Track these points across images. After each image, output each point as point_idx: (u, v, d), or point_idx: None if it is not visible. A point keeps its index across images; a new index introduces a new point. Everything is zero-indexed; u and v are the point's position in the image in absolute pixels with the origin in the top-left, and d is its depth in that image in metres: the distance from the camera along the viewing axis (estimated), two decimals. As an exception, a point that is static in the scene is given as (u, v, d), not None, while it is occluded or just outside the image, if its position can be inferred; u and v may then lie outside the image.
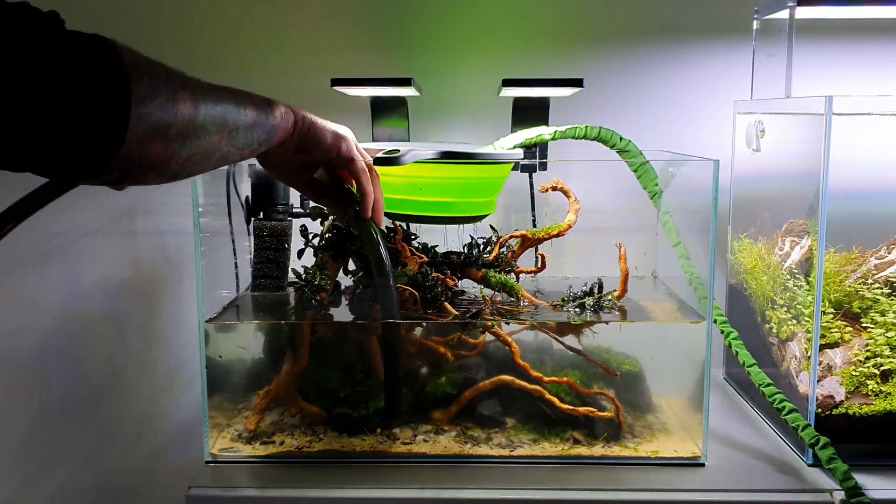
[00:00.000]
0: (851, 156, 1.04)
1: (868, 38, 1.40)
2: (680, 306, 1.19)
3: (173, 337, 1.50)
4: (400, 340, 1.08)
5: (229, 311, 1.16)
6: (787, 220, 1.14)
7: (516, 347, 1.12)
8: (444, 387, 1.12)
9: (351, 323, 1.14)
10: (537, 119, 1.25)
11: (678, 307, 1.20)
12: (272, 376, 1.13)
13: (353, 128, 0.93)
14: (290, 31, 1.44)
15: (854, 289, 1.07)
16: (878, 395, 1.04)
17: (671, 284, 1.28)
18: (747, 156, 1.28)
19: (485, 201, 1.11)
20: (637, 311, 1.15)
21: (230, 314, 1.16)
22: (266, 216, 1.18)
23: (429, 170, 1.03)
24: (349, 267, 1.16)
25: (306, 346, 1.12)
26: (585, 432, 1.10)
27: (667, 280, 1.29)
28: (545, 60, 1.43)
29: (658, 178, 1.19)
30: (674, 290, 1.26)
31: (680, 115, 1.43)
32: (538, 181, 1.28)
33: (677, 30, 1.43)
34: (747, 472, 1.03)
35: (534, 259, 1.21)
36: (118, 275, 1.48)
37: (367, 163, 0.91)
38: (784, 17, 1.17)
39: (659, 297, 1.26)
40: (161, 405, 1.52)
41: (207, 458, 1.08)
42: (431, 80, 1.40)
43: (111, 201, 1.46)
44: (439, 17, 1.43)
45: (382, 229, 0.99)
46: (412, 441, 1.09)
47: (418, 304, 1.10)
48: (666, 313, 1.18)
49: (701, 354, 1.06)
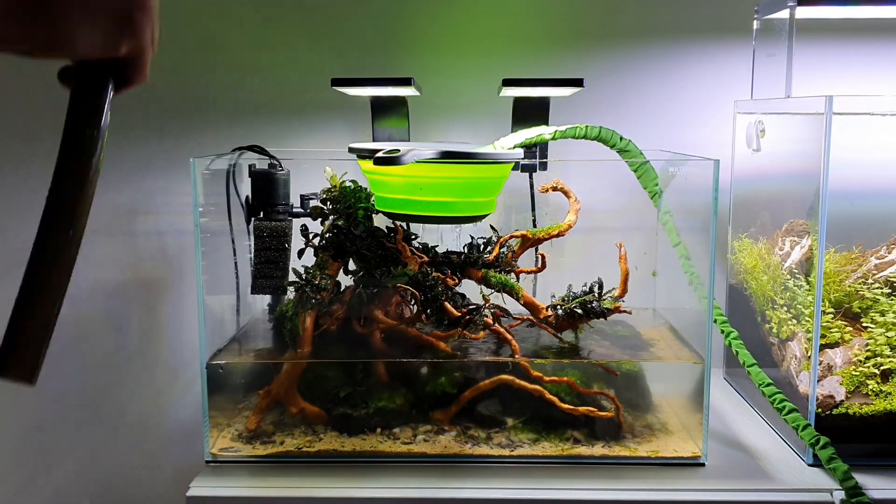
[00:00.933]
0: (851, 156, 1.04)
1: (868, 38, 1.40)
2: (680, 342, 1.21)
3: (173, 337, 1.50)
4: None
5: (230, 350, 1.18)
6: (788, 219, 1.14)
7: (516, 346, 1.12)
8: (444, 386, 1.12)
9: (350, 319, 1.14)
10: (537, 119, 1.25)
11: (679, 343, 1.21)
12: (272, 376, 1.13)
13: (353, 128, 0.93)
14: (290, 31, 1.44)
15: (854, 289, 1.07)
16: (878, 395, 1.04)
17: (671, 284, 1.28)
18: (747, 156, 1.28)
19: (485, 201, 1.11)
20: (638, 344, 1.18)
21: (232, 353, 1.17)
22: (266, 216, 1.18)
23: (429, 170, 1.03)
24: (349, 267, 1.16)
25: (306, 345, 1.12)
26: (585, 432, 1.10)
27: (666, 280, 1.29)
28: (545, 60, 1.43)
29: (658, 178, 1.19)
30: (673, 323, 1.27)
31: (680, 115, 1.44)
32: (538, 181, 1.28)
33: (677, 30, 1.43)
34: (747, 472, 1.04)
35: (534, 259, 1.21)
36: (118, 275, 1.48)
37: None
38: (784, 17, 1.17)
39: (657, 323, 1.27)
40: (161, 405, 1.52)
41: (207, 458, 1.08)
42: (431, 80, 1.40)
43: (111, 201, 1.46)
44: (439, 17, 1.43)
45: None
46: (412, 441, 1.09)
47: (418, 303, 1.10)
48: (666, 341, 1.21)
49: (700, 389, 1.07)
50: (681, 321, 1.24)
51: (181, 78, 1.44)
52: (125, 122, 1.44)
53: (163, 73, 1.44)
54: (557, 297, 1.17)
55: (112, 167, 1.45)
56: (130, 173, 1.46)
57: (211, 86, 1.44)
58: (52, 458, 1.53)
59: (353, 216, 1.14)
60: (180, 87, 1.44)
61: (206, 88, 1.44)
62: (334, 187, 1.15)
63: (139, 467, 1.54)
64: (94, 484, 1.54)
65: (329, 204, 1.16)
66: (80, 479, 1.54)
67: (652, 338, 1.22)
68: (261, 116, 1.45)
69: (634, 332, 1.23)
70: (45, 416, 1.52)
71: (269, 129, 1.45)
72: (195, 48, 1.44)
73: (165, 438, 1.53)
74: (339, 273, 1.16)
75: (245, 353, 1.20)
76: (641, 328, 1.25)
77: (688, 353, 1.15)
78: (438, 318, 1.13)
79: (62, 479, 1.54)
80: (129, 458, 1.53)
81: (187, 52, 1.44)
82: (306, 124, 1.45)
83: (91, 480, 1.54)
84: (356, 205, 1.14)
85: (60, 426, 1.52)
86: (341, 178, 1.15)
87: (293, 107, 1.45)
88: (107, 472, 1.54)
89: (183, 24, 1.43)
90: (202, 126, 1.45)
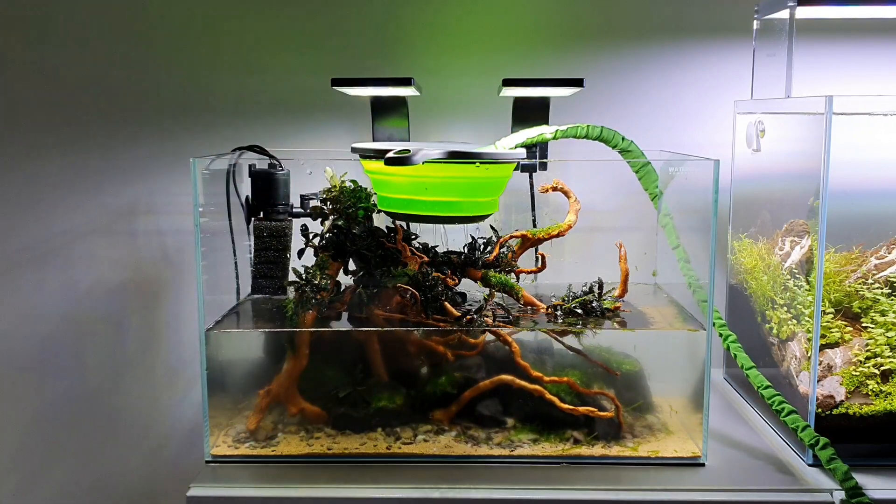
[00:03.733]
0: (851, 156, 1.04)
1: (868, 38, 1.40)
2: (680, 312, 1.19)
3: (173, 337, 1.50)
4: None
5: (230, 318, 1.16)
6: (787, 220, 1.14)
7: (516, 347, 1.12)
8: (444, 387, 1.12)
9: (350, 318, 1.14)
10: (538, 119, 1.25)
11: (678, 313, 1.20)
12: (272, 376, 1.13)
13: (354, 128, 0.93)
14: (290, 31, 1.44)
15: (854, 289, 1.07)
16: (878, 395, 1.04)
17: (671, 287, 1.28)
18: (747, 156, 1.28)
19: (488, 201, 1.12)
20: (636, 316, 1.15)
21: (230, 321, 1.16)
22: (266, 216, 1.18)
23: (434, 170, 1.03)
24: (349, 267, 1.16)
25: (306, 345, 1.12)
26: (585, 432, 1.10)
27: (666, 282, 1.29)
28: (545, 60, 1.43)
29: (659, 180, 1.19)
30: (674, 296, 1.26)
31: (680, 115, 1.44)
32: (538, 181, 1.28)
33: (677, 30, 1.43)
34: (747, 472, 1.04)
35: (534, 259, 1.21)
36: (118, 275, 1.48)
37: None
38: (784, 17, 1.17)
39: (659, 302, 1.26)
40: (161, 405, 1.52)
41: (207, 458, 1.08)
42: (431, 80, 1.40)
43: (111, 201, 1.46)
44: (439, 17, 1.43)
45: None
46: (412, 441, 1.09)
47: (419, 303, 1.10)
48: (666, 318, 1.18)
49: (701, 356, 1.06)
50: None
51: (181, 78, 1.44)
52: (125, 122, 1.44)
53: (163, 73, 1.44)
54: (557, 297, 1.17)
55: (112, 167, 1.45)
56: (130, 173, 1.46)
57: (211, 86, 1.44)
58: (52, 458, 1.53)
59: (353, 216, 1.14)
60: (180, 87, 1.44)
61: (206, 88, 1.44)
62: (334, 187, 1.15)
63: (139, 467, 1.54)
64: (94, 484, 1.54)
65: (329, 204, 1.16)
66: (80, 479, 1.54)
67: (652, 316, 1.20)
68: (261, 116, 1.45)
69: (636, 309, 1.22)
70: (45, 416, 1.52)
71: (269, 129, 1.45)
72: (195, 48, 1.44)
73: (165, 438, 1.53)
74: (339, 273, 1.16)
75: (244, 324, 1.19)
76: (643, 306, 1.23)
77: (688, 325, 1.14)
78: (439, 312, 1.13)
79: (62, 479, 1.54)
80: (129, 458, 1.53)
81: (188, 53, 1.44)
82: (306, 124, 1.45)
83: (91, 480, 1.54)
84: (356, 205, 1.14)
85: (60, 426, 1.52)
86: (341, 179, 1.15)
87: (293, 107, 1.45)
88: (107, 472, 1.54)
89: (183, 25, 1.43)
90: (202, 126, 1.45)
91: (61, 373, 1.51)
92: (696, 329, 1.09)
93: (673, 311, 1.21)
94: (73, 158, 1.45)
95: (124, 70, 1.43)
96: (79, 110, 1.44)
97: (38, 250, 1.46)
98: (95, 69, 1.43)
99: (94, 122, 1.44)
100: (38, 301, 1.48)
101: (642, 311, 1.19)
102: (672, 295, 1.27)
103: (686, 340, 1.12)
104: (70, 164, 1.45)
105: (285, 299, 1.17)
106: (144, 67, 1.44)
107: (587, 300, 1.14)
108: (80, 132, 1.45)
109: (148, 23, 1.43)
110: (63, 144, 1.45)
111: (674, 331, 1.15)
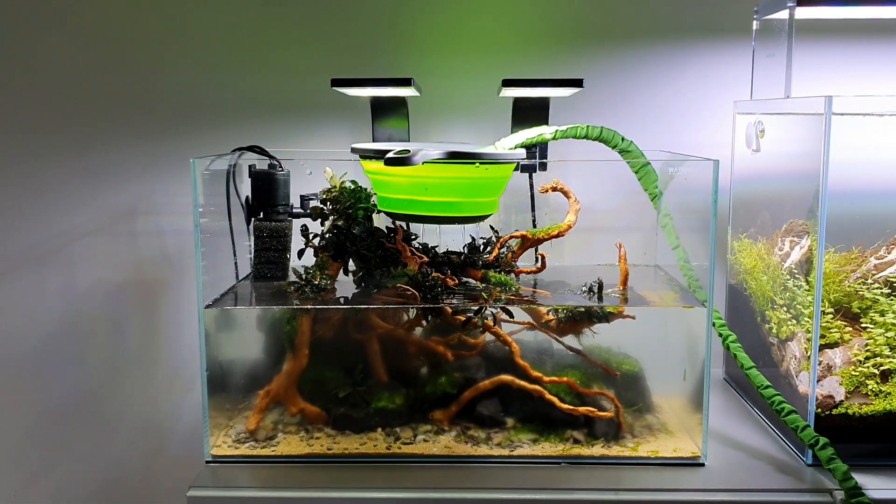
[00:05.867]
0: (851, 156, 1.04)
1: (868, 38, 1.40)
2: (677, 294, 1.19)
3: (173, 337, 1.50)
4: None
5: (227, 298, 1.16)
6: (787, 220, 1.14)
7: (516, 347, 1.12)
8: (444, 387, 1.12)
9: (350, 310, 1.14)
10: (537, 119, 1.25)
11: (675, 294, 1.20)
12: (272, 376, 1.13)
13: (353, 128, 0.93)
14: (290, 31, 1.44)
15: (854, 289, 1.07)
16: (877, 395, 1.04)
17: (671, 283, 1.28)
18: (747, 156, 1.28)
19: (488, 201, 1.12)
20: (634, 298, 1.15)
21: (228, 301, 1.16)
22: (266, 216, 1.18)
23: (434, 170, 1.03)
24: (349, 267, 1.16)
25: (306, 345, 1.12)
26: (585, 432, 1.10)
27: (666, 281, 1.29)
28: (545, 60, 1.43)
29: (658, 180, 1.19)
30: (672, 276, 1.26)
31: (680, 115, 1.44)
32: (538, 181, 1.28)
33: (677, 30, 1.43)
34: (747, 472, 1.04)
35: (534, 259, 1.21)
36: (118, 275, 1.48)
37: None
38: (784, 17, 1.17)
39: (658, 286, 1.26)
40: (161, 405, 1.52)
41: (207, 458, 1.08)
42: (431, 80, 1.40)
43: (111, 201, 1.46)
44: (439, 17, 1.43)
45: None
46: (412, 441, 1.09)
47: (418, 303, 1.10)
48: (663, 299, 1.19)
49: (701, 351, 1.06)
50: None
51: (181, 78, 1.44)
52: (125, 121, 1.44)
53: (163, 74, 1.44)
54: (559, 293, 1.17)
55: (112, 167, 1.45)
56: (130, 173, 1.46)
57: (211, 86, 1.44)
58: (53, 458, 1.53)
59: (353, 216, 1.14)
60: (180, 87, 1.44)
61: (206, 88, 1.44)
62: (334, 187, 1.15)
63: (139, 467, 1.54)
64: (94, 484, 1.54)
65: (329, 204, 1.16)
66: (81, 479, 1.54)
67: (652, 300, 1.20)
68: (261, 116, 1.45)
69: (634, 293, 1.21)
70: (45, 416, 1.52)
71: (269, 129, 1.45)
72: (195, 48, 1.44)
73: (165, 438, 1.53)
74: (339, 273, 1.16)
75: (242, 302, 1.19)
76: (642, 291, 1.23)
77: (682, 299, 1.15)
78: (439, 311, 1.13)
79: (62, 479, 1.54)
80: (129, 458, 1.54)
81: (188, 53, 1.44)
82: (306, 124, 1.45)
83: (91, 480, 1.54)
84: (356, 205, 1.14)
85: (60, 426, 1.52)
86: (341, 179, 1.15)
87: (293, 107, 1.45)
88: (107, 472, 1.54)
89: (183, 25, 1.43)
90: (202, 126, 1.45)
91: (61, 373, 1.51)
92: (691, 306, 1.09)
93: (670, 293, 1.21)
94: (73, 159, 1.45)
95: (124, 70, 1.43)
96: (78, 111, 1.44)
97: (38, 250, 1.46)
98: (95, 69, 1.43)
99: (93, 123, 1.44)
100: (38, 301, 1.48)
101: (641, 296, 1.18)
102: (670, 274, 1.27)
103: (685, 319, 1.12)
104: (70, 164, 1.45)
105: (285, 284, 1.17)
106: (144, 68, 1.44)
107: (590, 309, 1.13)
108: (80, 132, 1.45)
109: (148, 23, 1.43)
110: (63, 145, 1.45)
111: (670, 307, 1.16)
